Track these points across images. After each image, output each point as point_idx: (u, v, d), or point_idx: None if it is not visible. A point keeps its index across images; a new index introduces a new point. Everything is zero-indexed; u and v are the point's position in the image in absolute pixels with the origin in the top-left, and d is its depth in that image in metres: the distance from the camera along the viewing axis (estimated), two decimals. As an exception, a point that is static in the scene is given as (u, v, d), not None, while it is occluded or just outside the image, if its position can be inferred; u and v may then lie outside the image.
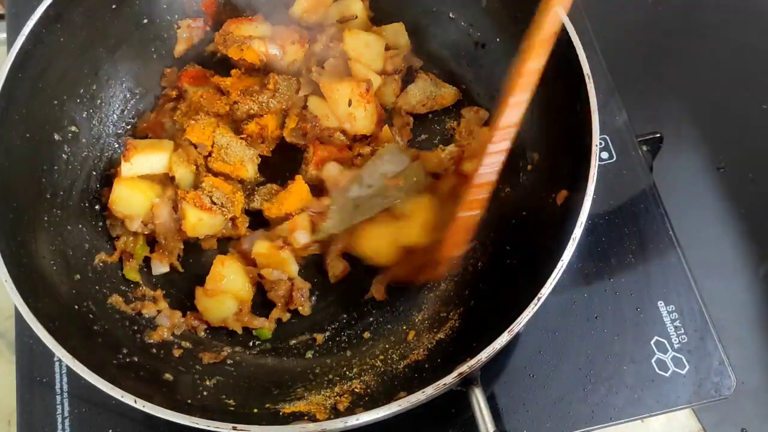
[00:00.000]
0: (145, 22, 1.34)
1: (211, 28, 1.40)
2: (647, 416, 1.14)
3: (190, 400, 1.04)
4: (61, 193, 1.20)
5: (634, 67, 1.56)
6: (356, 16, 1.36)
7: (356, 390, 1.11)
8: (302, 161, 1.31)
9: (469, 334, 1.12)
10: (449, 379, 0.91)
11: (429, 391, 0.90)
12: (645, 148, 1.35)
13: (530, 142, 1.24)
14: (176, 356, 1.14)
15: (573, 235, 0.97)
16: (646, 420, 1.21)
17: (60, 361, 1.18)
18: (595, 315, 1.20)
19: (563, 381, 1.15)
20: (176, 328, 1.18)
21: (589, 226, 1.15)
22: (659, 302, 1.20)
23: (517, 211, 1.23)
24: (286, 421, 1.01)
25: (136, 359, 1.08)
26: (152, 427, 1.13)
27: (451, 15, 1.37)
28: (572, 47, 1.09)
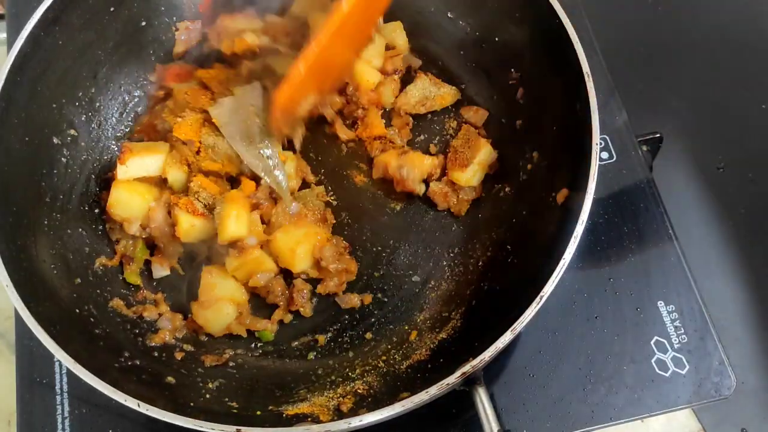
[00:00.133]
0: (143, 24, 1.33)
1: (209, 30, 1.39)
2: (647, 416, 1.14)
3: (193, 403, 1.03)
4: (61, 196, 1.19)
5: (634, 67, 1.56)
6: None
7: (359, 391, 1.11)
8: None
9: (472, 333, 1.12)
10: (452, 379, 0.91)
11: (432, 392, 0.90)
12: (645, 148, 1.35)
13: (530, 141, 1.25)
14: (178, 359, 1.13)
15: (575, 234, 0.97)
16: (646, 420, 1.22)
17: (60, 361, 1.17)
18: (595, 315, 1.20)
19: (563, 381, 1.16)
20: (178, 331, 1.18)
21: (589, 226, 1.14)
22: (659, 302, 1.20)
23: (518, 210, 1.23)
24: (290, 423, 1.01)
25: (138, 363, 1.08)
26: (153, 429, 1.13)
27: (449, 14, 1.37)
28: (572, 47, 1.09)
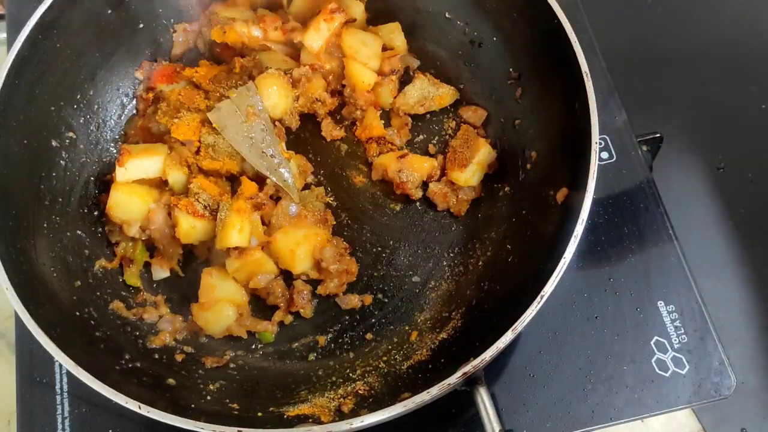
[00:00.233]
0: (141, 26, 1.33)
1: (207, 28, 1.39)
2: (647, 416, 1.14)
3: (194, 405, 1.03)
4: (60, 199, 1.19)
5: (634, 67, 1.56)
6: (356, 19, 1.36)
7: (360, 392, 1.11)
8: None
9: (472, 333, 1.12)
10: (453, 380, 0.91)
11: (434, 392, 0.90)
12: (645, 148, 1.35)
13: (529, 141, 1.25)
14: (179, 361, 1.14)
15: (575, 233, 0.97)
16: (646, 420, 1.22)
17: (60, 361, 1.18)
18: (595, 315, 1.20)
19: (563, 381, 1.16)
20: (178, 333, 1.18)
21: (589, 226, 1.15)
22: (659, 302, 1.20)
23: (517, 210, 1.23)
24: (291, 424, 1.01)
25: (139, 365, 1.08)
26: (154, 429, 1.12)
27: (447, 15, 1.36)
28: (571, 47, 1.09)
